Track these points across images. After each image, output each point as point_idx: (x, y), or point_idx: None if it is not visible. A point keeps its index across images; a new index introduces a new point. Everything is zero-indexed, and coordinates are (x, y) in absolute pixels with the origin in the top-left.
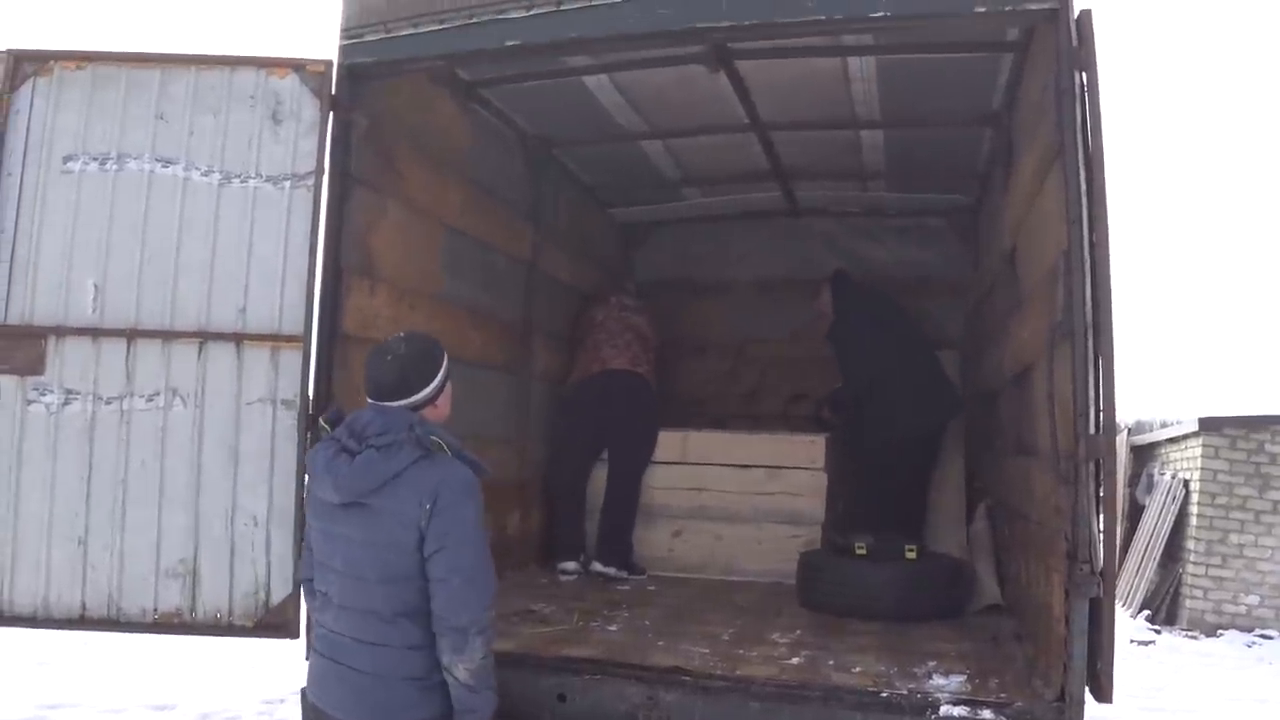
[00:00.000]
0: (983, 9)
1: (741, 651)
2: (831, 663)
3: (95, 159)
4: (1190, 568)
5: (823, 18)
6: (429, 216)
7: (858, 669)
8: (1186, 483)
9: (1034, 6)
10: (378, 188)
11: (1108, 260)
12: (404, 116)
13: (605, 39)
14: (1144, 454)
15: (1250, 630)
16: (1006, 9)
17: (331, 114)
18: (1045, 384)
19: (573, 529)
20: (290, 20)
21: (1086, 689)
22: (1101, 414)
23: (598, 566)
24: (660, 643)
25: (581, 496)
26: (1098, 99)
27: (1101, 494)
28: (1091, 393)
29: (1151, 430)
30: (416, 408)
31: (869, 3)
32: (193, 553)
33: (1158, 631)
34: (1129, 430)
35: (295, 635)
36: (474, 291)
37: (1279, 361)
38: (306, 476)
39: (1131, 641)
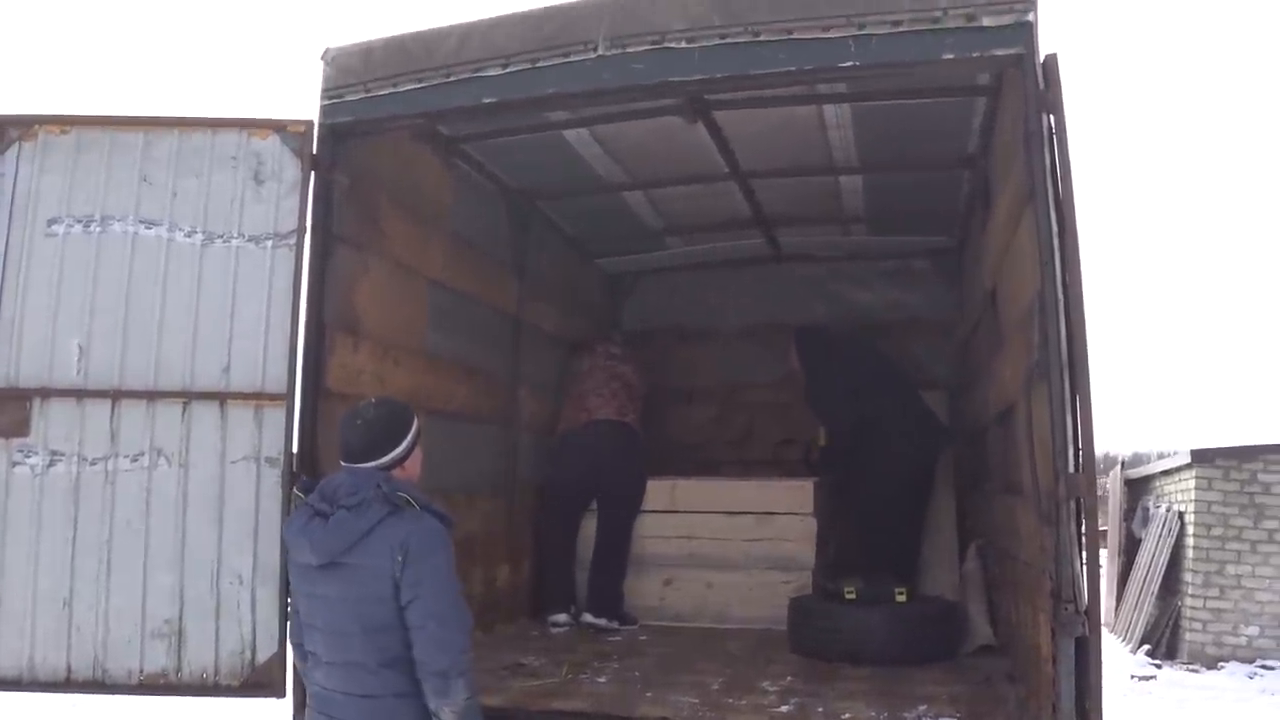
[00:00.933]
0: (950, 56)
1: (731, 700)
2: (821, 709)
3: (79, 221)
4: (1189, 600)
5: (794, 69)
6: (413, 272)
7: (847, 715)
8: (1181, 515)
9: (1001, 52)
10: (360, 245)
11: (1081, 300)
12: (386, 174)
13: (581, 94)
14: (1139, 487)
15: (1251, 661)
16: (974, 55)
17: (313, 173)
18: (1025, 423)
19: (563, 581)
20: (272, 81)
21: None
22: (1080, 452)
23: (588, 618)
24: (649, 694)
25: (572, 548)
26: (1066, 141)
27: (1084, 532)
28: (1070, 431)
29: (1149, 463)
30: (386, 469)
31: (839, 53)
32: (178, 613)
33: (1158, 666)
34: (1124, 464)
35: (281, 694)
36: (459, 345)
37: (1269, 392)
38: (285, 544)
39: (1132, 677)
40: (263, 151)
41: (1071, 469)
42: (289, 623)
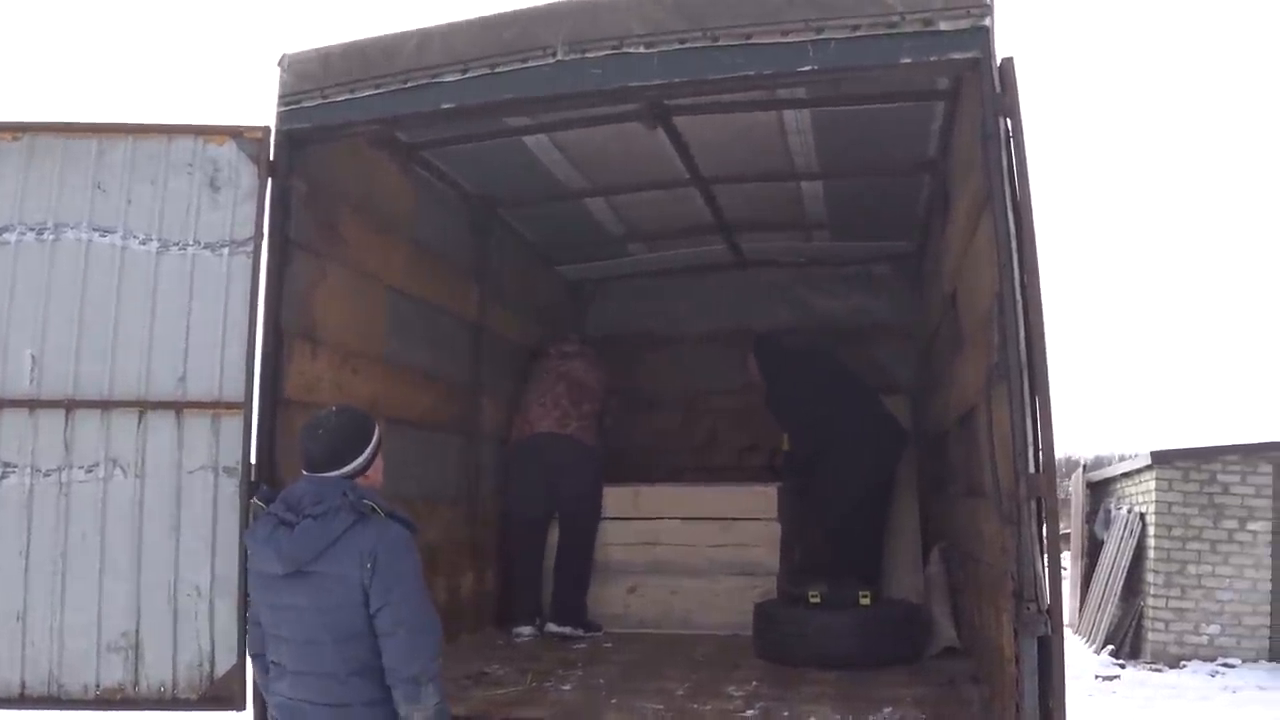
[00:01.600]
0: (908, 60)
1: (696, 706)
2: (786, 714)
3: (32, 229)
4: (1151, 600)
5: (752, 73)
6: (372, 279)
7: (812, 719)
8: (1143, 516)
9: (958, 56)
10: (319, 252)
11: (1040, 302)
12: (344, 180)
13: (540, 99)
14: (1101, 490)
15: (1213, 660)
16: (931, 59)
17: (270, 180)
18: (986, 425)
19: (528, 592)
20: (227, 88)
21: None
22: (1040, 453)
23: (552, 627)
24: (614, 700)
25: (536, 558)
26: (1023, 144)
27: (1045, 532)
28: (1030, 432)
29: (1110, 465)
30: (349, 477)
31: (797, 58)
32: (135, 626)
33: (1122, 666)
34: (1086, 466)
35: (241, 707)
36: (420, 353)
37: (1227, 394)
38: (248, 554)
39: (1097, 677)
40: (219, 158)
41: (1032, 469)
42: (248, 634)
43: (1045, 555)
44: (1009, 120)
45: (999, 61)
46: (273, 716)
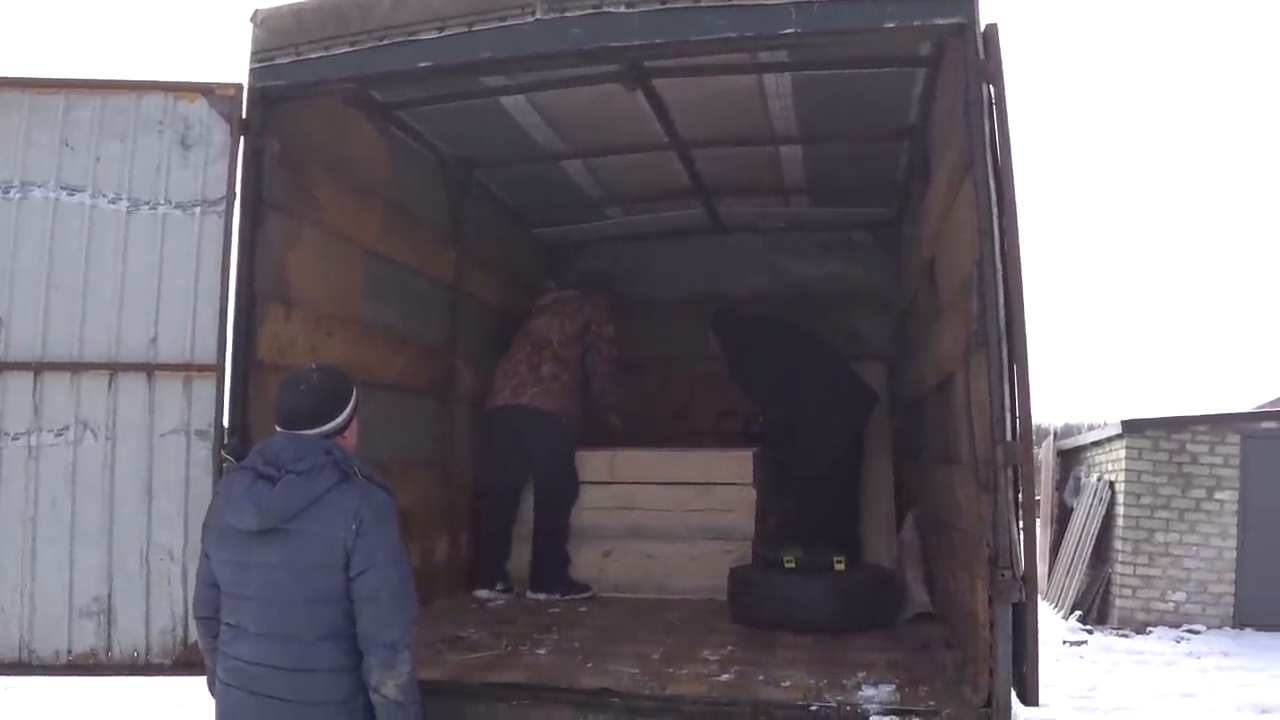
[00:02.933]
0: (892, 24)
1: (672, 670)
2: (761, 677)
3: None
4: (1119, 567)
5: (734, 35)
6: (347, 241)
7: (787, 683)
8: (1112, 484)
9: (942, 21)
10: (292, 212)
11: (1019, 269)
12: (319, 140)
13: (518, 59)
14: (1071, 458)
15: (1179, 626)
16: (915, 24)
17: (242, 138)
18: (964, 392)
19: (493, 557)
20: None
21: (1013, 693)
22: (1018, 420)
23: (529, 595)
24: (589, 664)
25: (505, 525)
26: (1005, 111)
27: (1021, 499)
28: (1007, 400)
29: (1080, 434)
30: (327, 436)
31: (779, 20)
32: (107, 591)
33: (1089, 631)
34: (1056, 434)
35: None
36: (395, 315)
37: (1197, 363)
38: (217, 506)
39: (1064, 642)
40: (190, 115)
41: (1009, 437)
42: (197, 595)
43: (1021, 522)
44: (992, 87)
45: (983, 27)
46: (222, 681)
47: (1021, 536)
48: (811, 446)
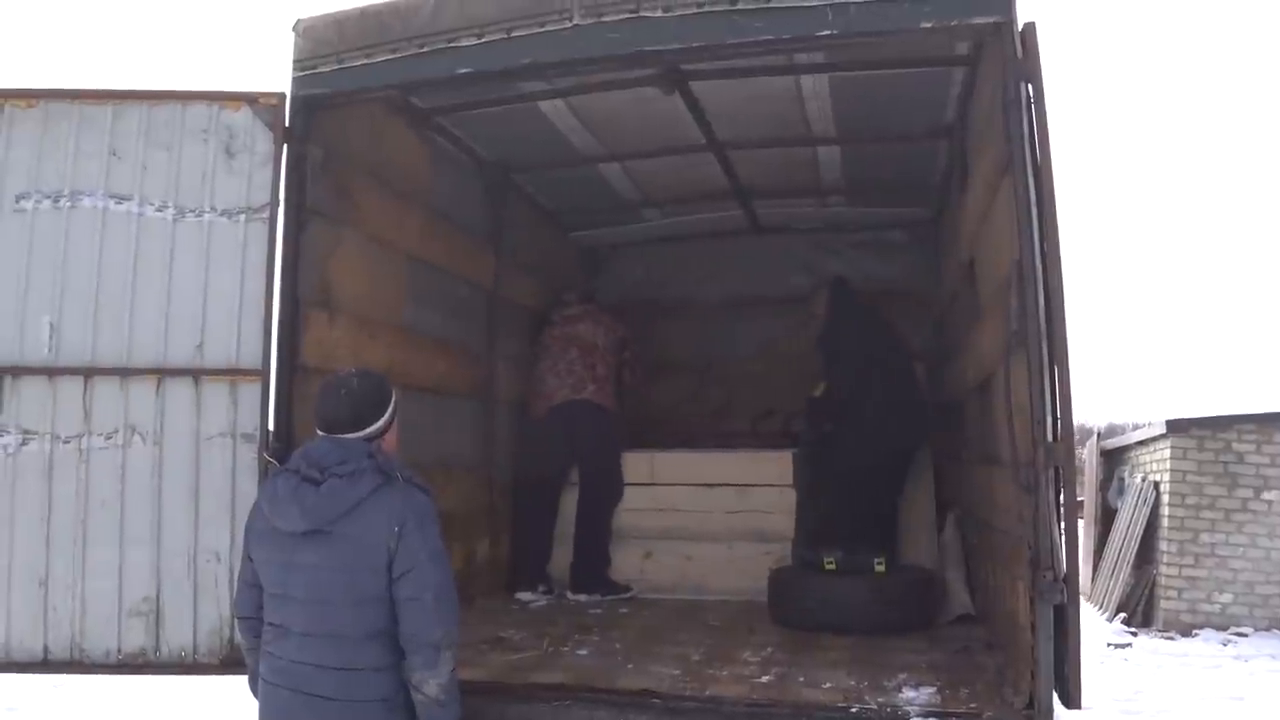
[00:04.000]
0: (929, 25)
1: (712, 671)
2: (802, 679)
3: (48, 197)
4: (1164, 569)
5: (771, 38)
6: (388, 245)
7: (828, 684)
8: (1157, 484)
9: (980, 21)
10: (335, 218)
11: (1059, 269)
12: (360, 146)
13: (557, 64)
14: (1115, 458)
15: (1225, 628)
16: (953, 24)
17: (286, 146)
18: (1004, 393)
19: (534, 559)
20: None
21: (1055, 696)
22: (1059, 421)
23: (570, 595)
24: (630, 665)
25: (547, 527)
26: (1044, 110)
27: (1062, 500)
28: (1048, 400)
29: (1124, 434)
30: (368, 440)
31: (817, 22)
32: (155, 591)
33: (1134, 634)
34: (1100, 434)
35: None
36: (436, 319)
37: (1242, 361)
38: (260, 508)
39: (1109, 645)
40: (234, 124)
41: (1050, 438)
42: (238, 596)
43: (1063, 524)
44: (1030, 85)
45: (1020, 26)
46: (265, 680)
47: (1063, 538)
48: (858, 442)
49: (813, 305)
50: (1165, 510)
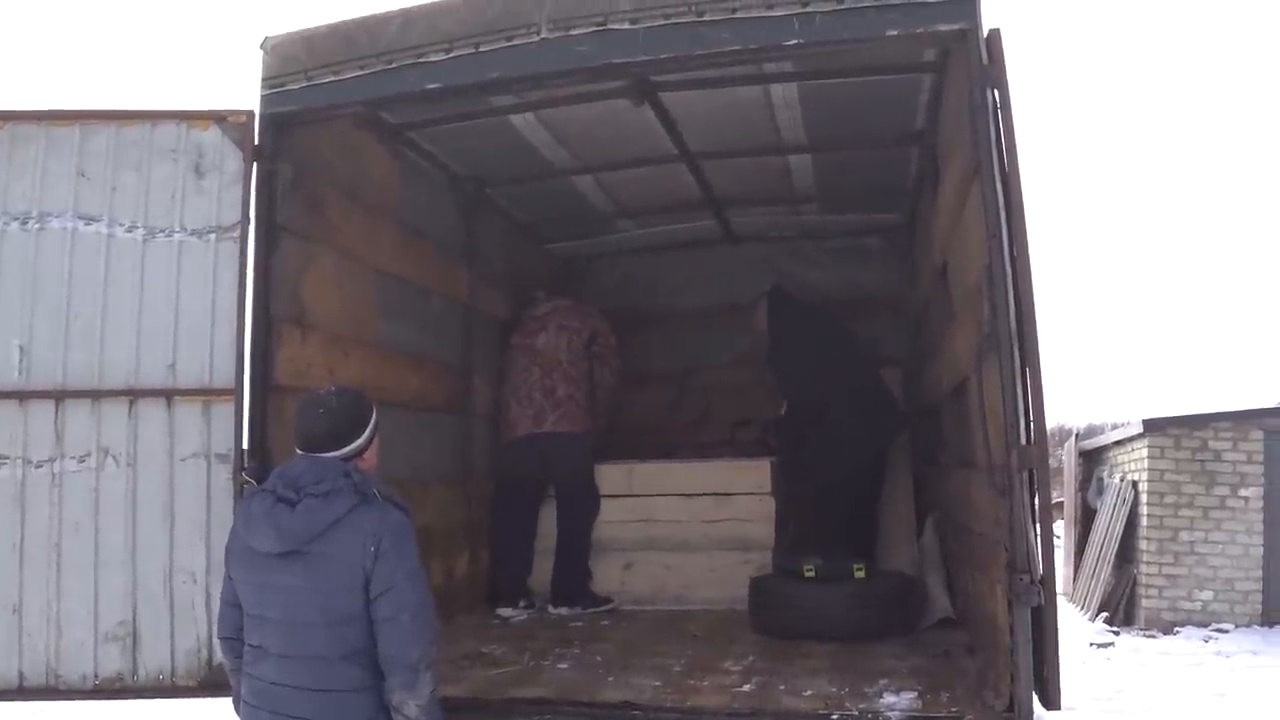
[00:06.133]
0: (895, 32)
1: (693, 681)
2: (783, 687)
3: (16, 218)
4: (1144, 567)
5: (738, 48)
6: (361, 262)
7: (809, 692)
8: (1135, 484)
9: (945, 28)
10: (306, 235)
11: (1029, 273)
12: (331, 163)
13: (525, 78)
14: (1093, 458)
15: (1206, 625)
16: (918, 31)
17: (255, 164)
18: (978, 396)
19: (513, 575)
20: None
21: (1035, 698)
22: (1032, 424)
23: (551, 609)
24: (611, 678)
25: (525, 542)
26: (1011, 115)
27: (1037, 503)
28: (1021, 403)
29: (1103, 434)
30: (347, 459)
31: (783, 31)
32: (131, 615)
33: (1116, 633)
34: (1079, 435)
35: None
36: (410, 335)
37: (1218, 360)
38: (237, 528)
39: (1091, 644)
40: (203, 143)
41: (1024, 441)
42: (220, 616)
43: (1038, 526)
44: (996, 91)
45: (986, 33)
46: (246, 702)
47: (1039, 540)
48: (830, 455)
49: (754, 320)
50: (1144, 509)
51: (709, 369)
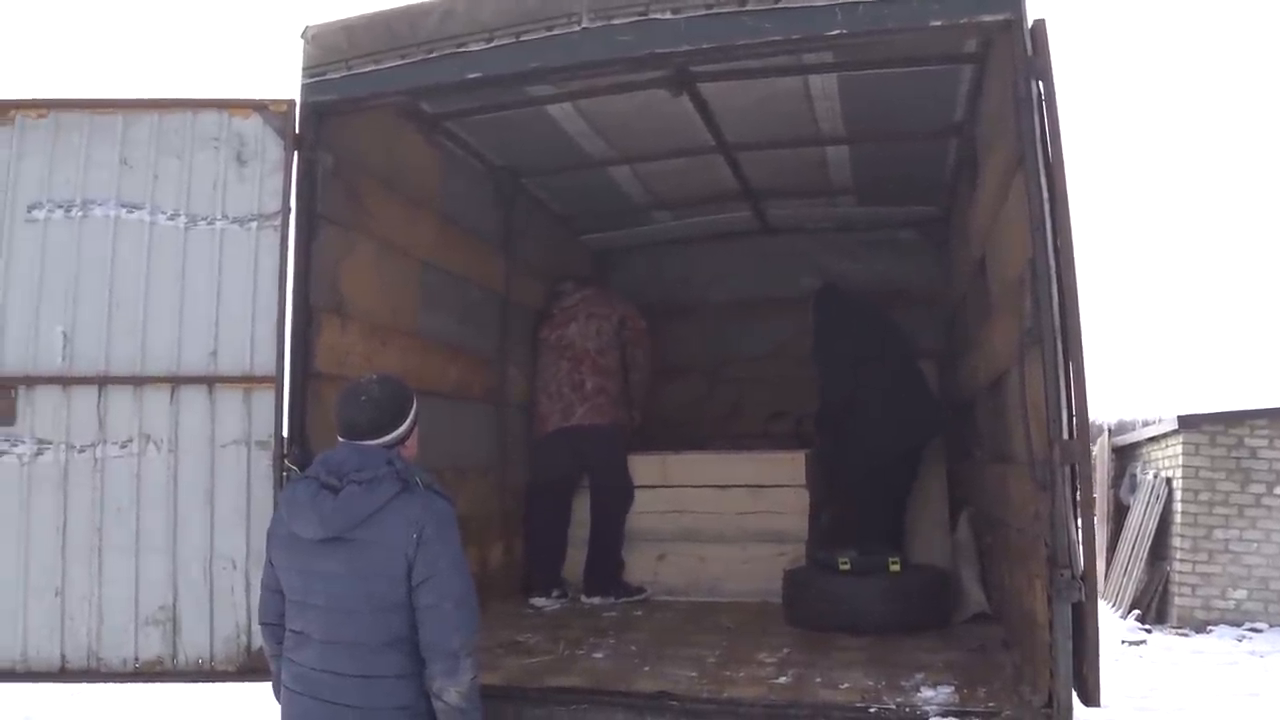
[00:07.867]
0: (938, 23)
1: (729, 673)
2: (819, 680)
3: (60, 206)
4: (1177, 565)
5: (780, 38)
6: (399, 251)
7: (845, 685)
8: (1169, 481)
9: (989, 18)
10: (346, 224)
11: (1073, 265)
12: (370, 152)
13: (566, 68)
14: (1126, 454)
15: (1240, 624)
16: (962, 21)
17: (296, 153)
18: (1018, 390)
19: (547, 565)
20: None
21: (1074, 694)
22: (1074, 418)
23: (584, 599)
24: (646, 668)
25: (559, 533)
26: (1055, 107)
27: (1078, 498)
28: (1063, 397)
29: (1135, 430)
30: (389, 447)
31: (825, 21)
32: (172, 599)
33: (1149, 631)
34: (1111, 431)
35: None
36: (448, 324)
37: (1254, 356)
38: (280, 514)
39: (1123, 642)
40: (245, 132)
41: (1066, 435)
42: (261, 601)
43: (1079, 521)
44: (1041, 83)
45: (1030, 23)
46: (287, 687)
47: (1080, 535)
48: (867, 449)
49: (811, 317)
50: (1178, 506)
51: (741, 361)
